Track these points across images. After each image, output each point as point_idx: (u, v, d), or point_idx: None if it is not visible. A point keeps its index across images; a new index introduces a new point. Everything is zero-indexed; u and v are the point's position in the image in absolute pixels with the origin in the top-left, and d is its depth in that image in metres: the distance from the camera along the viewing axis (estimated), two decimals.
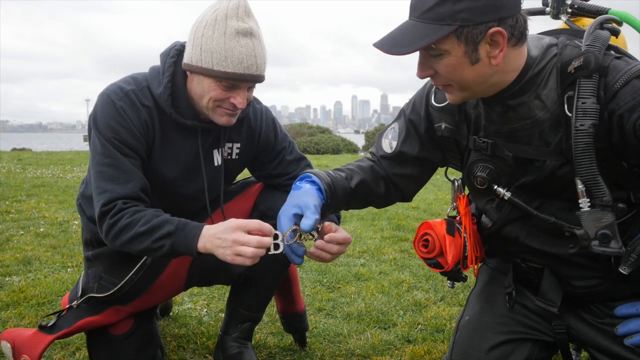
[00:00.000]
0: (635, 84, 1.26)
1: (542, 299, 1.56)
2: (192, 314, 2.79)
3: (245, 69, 1.69)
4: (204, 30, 1.69)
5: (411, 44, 1.29)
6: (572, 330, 1.58)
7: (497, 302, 1.70)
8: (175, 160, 1.85)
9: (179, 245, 1.63)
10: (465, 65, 1.32)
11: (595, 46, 1.30)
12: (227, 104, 1.75)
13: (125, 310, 1.97)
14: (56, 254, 3.92)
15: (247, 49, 1.69)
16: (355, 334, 2.51)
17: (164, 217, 1.68)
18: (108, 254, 1.94)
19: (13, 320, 2.63)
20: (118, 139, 1.73)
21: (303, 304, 2.37)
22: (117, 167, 1.72)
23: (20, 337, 1.89)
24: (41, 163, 11.62)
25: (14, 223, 5.02)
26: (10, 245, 4.17)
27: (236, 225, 1.57)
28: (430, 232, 1.52)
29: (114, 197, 1.69)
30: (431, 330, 2.55)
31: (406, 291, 3.12)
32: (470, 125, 1.54)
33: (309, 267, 3.58)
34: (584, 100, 1.27)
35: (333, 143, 22.79)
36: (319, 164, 12.22)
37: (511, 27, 1.29)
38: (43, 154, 15.48)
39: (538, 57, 1.38)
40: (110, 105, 1.74)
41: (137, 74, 1.86)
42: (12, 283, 3.21)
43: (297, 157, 2.12)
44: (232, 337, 2.16)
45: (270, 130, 2.06)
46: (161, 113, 1.81)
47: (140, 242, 1.65)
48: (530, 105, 1.39)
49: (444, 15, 1.26)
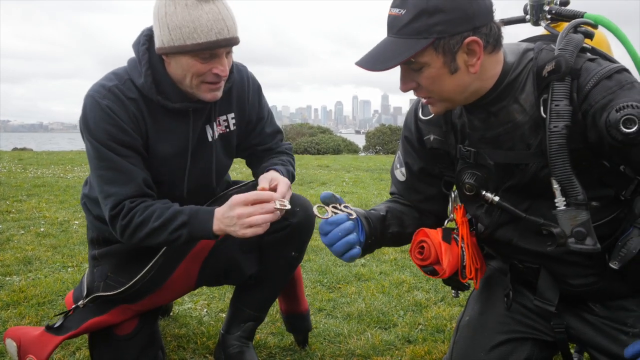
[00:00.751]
0: (605, 83, 1.31)
1: (540, 298, 1.58)
2: (193, 314, 2.79)
3: (217, 34, 1.66)
4: (166, 9, 1.67)
5: (391, 59, 1.33)
6: (572, 329, 1.59)
7: (497, 302, 1.70)
8: (172, 145, 1.85)
9: (196, 232, 1.69)
10: (445, 76, 1.36)
11: (567, 49, 1.35)
12: (210, 76, 1.73)
13: (132, 308, 1.96)
14: (56, 254, 3.92)
15: (214, 15, 1.65)
16: (356, 334, 2.51)
17: (174, 208, 1.72)
18: (115, 253, 1.93)
19: (13, 320, 2.63)
20: (111, 140, 1.72)
21: (307, 304, 2.37)
22: (115, 169, 1.73)
23: (26, 337, 1.89)
24: (42, 163, 11.62)
25: (14, 223, 5.02)
26: (10, 244, 4.17)
27: (235, 201, 1.63)
28: (426, 239, 1.53)
29: (120, 199, 1.72)
30: (432, 331, 2.55)
31: (407, 291, 3.12)
32: (457, 135, 1.57)
33: (309, 268, 3.58)
34: (557, 102, 1.32)
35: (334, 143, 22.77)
36: (320, 164, 12.21)
37: (486, 35, 1.34)
38: (44, 154, 15.49)
39: (515, 63, 1.42)
40: (96, 106, 1.73)
41: (117, 69, 1.84)
42: (13, 283, 3.21)
43: (275, 130, 2.14)
44: (235, 336, 2.15)
45: (255, 96, 2.06)
46: (148, 102, 1.79)
47: (157, 236, 1.71)
48: (510, 109, 1.43)
49: (420, 29, 1.31)
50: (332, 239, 1.45)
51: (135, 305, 1.96)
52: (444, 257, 1.50)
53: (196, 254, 2.00)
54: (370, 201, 6.51)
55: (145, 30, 1.81)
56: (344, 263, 3.69)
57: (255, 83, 2.06)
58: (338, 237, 1.44)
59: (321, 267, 3.59)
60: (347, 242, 1.44)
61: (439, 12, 1.29)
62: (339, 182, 8.69)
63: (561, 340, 1.61)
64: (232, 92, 1.96)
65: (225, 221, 1.66)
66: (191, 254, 1.98)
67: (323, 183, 8.50)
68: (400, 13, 1.33)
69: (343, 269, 3.54)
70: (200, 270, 2.03)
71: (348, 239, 1.44)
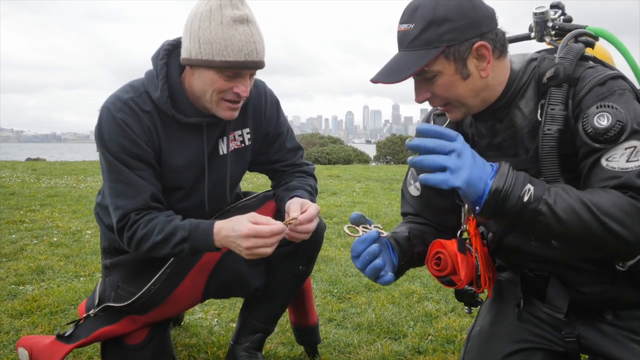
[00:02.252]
0: (597, 90, 1.36)
1: (549, 306, 1.58)
2: (203, 323, 2.80)
3: (246, 55, 1.69)
4: (200, 23, 1.69)
5: (405, 71, 1.37)
6: (583, 339, 1.58)
7: (508, 312, 1.70)
8: (185, 157, 1.87)
9: (198, 246, 1.74)
10: (459, 82, 1.40)
11: (567, 58, 1.40)
12: (230, 94, 1.75)
13: (141, 319, 1.98)
14: (69, 264, 3.95)
15: (246, 36, 1.69)
16: (366, 345, 2.51)
17: (175, 223, 1.75)
18: (126, 263, 1.96)
19: (26, 329, 2.65)
20: (123, 152, 1.75)
21: (316, 317, 2.37)
22: (125, 182, 1.76)
23: (37, 345, 1.91)
24: (55, 173, 11.73)
25: (28, 232, 5.07)
26: (24, 254, 4.21)
27: (247, 232, 1.64)
28: (442, 250, 1.54)
29: (127, 212, 1.76)
30: (442, 341, 2.54)
31: (417, 302, 3.11)
32: (469, 144, 1.57)
33: (319, 278, 3.58)
34: (552, 107, 1.37)
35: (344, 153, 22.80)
36: (330, 174, 12.22)
37: (493, 40, 1.39)
38: (57, 164, 15.63)
39: (520, 71, 1.47)
40: (111, 119, 1.76)
41: (134, 80, 1.87)
42: (26, 292, 3.25)
43: (296, 146, 2.15)
44: (243, 347, 2.16)
45: (274, 111, 2.07)
46: (163, 116, 1.82)
47: (161, 249, 1.75)
48: (512, 115, 1.48)
49: (430, 40, 1.35)
50: (363, 263, 1.45)
51: (143, 317, 1.98)
52: (461, 267, 1.51)
53: (202, 266, 2.01)
54: (380, 211, 6.50)
55: (166, 44, 1.84)
56: (354, 273, 3.69)
57: (274, 98, 2.07)
58: (367, 262, 1.45)
59: (331, 277, 3.59)
60: (374, 268, 1.44)
61: (447, 21, 1.34)
62: (350, 192, 8.70)
63: (572, 350, 1.60)
64: (248, 107, 1.98)
65: (229, 243, 1.70)
66: (197, 267, 1.99)
67: (334, 193, 8.51)
68: (409, 28, 1.38)
69: (353, 279, 3.54)
70: (206, 283, 2.04)
71: (374, 264, 1.44)
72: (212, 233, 1.71)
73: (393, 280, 1.49)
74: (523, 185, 1.28)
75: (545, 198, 1.27)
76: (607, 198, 1.26)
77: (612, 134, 1.28)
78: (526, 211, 1.28)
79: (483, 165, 1.32)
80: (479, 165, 1.30)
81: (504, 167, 1.31)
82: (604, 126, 1.28)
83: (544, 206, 1.27)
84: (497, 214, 1.31)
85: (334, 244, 4.63)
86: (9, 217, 5.83)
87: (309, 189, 2.03)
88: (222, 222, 1.72)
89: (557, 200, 1.27)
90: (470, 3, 1.36)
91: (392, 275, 1.48)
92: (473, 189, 1.28)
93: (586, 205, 1.26)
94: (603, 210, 1.25)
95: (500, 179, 1.28)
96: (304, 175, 2.12)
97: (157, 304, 1.94)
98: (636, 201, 1.26)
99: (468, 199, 1.32)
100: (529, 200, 1.27)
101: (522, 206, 1.27)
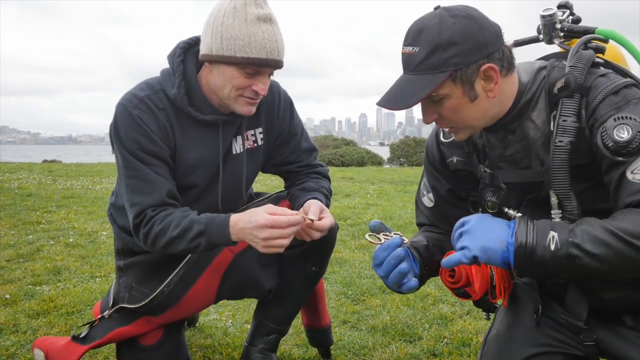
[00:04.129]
0: (611, 99, 1.33)
1: (568, 314, 1.56)
2: (218, 324, 2.80)
3: (268, 53, 1.71)
4: (223, 19, 1.71)
5: (413, 96, 1.35)
6: (602, 343, 1.56)
7: (525, 316, 1.68)
8: (200, 154, 1.88)
9: (214, 240, 1.73)
10: (466, 104, 1.39)
11: (577, 67, 1.37)
12: (248, 92, 1.77)
13: (155, 320, 1.99)
14: (85, 264, 3.99)
15: (269, 34, 1.71)
16: (381, 347, 2.50)
17: (191, 217, 1.75)
18: (139, 264, 1.96)
19: (43, 329, 2.68)
20: (139, 149, 1.76)
21: (328, 319, 2.36)
22: (141, 178, 1.77)
23: (53, 347, 1.92)
24: (71, 175, 11.85)
25: (44, 233, 5.13)
26: (40, 255, 4.25)
27: (264, 222, 1.65)
28: None
29: (143, 208, 1.76)
30: (457, 344, 2.52)
31: (432, 304, 3.10)
32: (480, 155, 1.58)
33: (333, 280, 3.58)
34: (564, 118, 1.34)
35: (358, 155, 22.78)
36: (343, 176, 12.21)
37: (500, 60, 1.37)
38: (73, 166, 15.78)
39: (529, 82, 1.45)
40: (127, 116, 1.77)
41: (150, 79, 1.88)
42: (43, 292, 3.28)
43: (310, 147, 2.16)
44: (258, 349, 2.16)
45: (287, 111, 2.07)
46: (178, 113, 1.83)
47: (177, 244, 1.74)
48: (524, 126, 1.46)
49: (436, 64, 1.33)
50: (387, 270, 1.44)
51: (157, 318, 1.98)
52: (476, 278, 1.50)
53: (216, 267, 2.01)
54: (394, 213, 6.48)
55: (182, 43, 1.85)
56: (369, 275, 3.68)
57: (287, 99, 2.08)
58: (392, 267, 1.44)
59: (345, 279, 3.58)
60: (399, 272, 1.43)
61: (453, 45, 1.32)
62: (363, 194, 8.68)
63: (591, 355, 1.58)
64: (261, 107, 1.98)
65: (245, 235, 1.69)
66: (210, 268, 1.99)
67: (347, 195, 8.49)
68: (414, 50, 1.36)
69: (367, 281, 3.53)
70: (220, 284, 2.04)
71: (400, 269, 1.43)
72: (228, 226, 1.71)
73: (417, 286, 1.48)
74: (545, 234, 1.27)
75: (572, 240, 1.25)
76: (630, 219, 1.24)
77: (634, 146, 1.25)
78: (557, 259, 1.25)
79: (500, 227, 1.33)
80: (495, 230, 1.32)
81: (522, 223, 1.30)
82: (625, 139, 1.25)
83: (573, 249, 1.24)
84: (532, 269, 1.30)
85: (348, 246, 4.62)
86: (26, 218, 5.89)
87: (325, 192, 2.03)
88: (239, 215, 1.73)
89: (584, 237, 1.24)
90: (476, 24, 1.34)
91: (417, 281, 1.47)
92: (492, 253, 1.30)
93: (613, 234, 1.23)
94: (631, 233, 1.22)
95: (521, 235, 1.28)
96: (319, 177, 2.12)
97: (171, 305, 1.95)
98: None
99: (493, 263, 1.33)
100: (557, 247, 1.25)
101: (552, 255, 1.25)
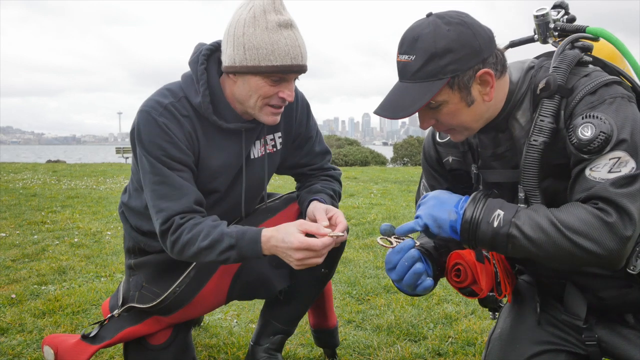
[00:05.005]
0: (587, 99, 1.35)
1: (568, 313, 1.57)
2: (223, 324, 2.81)
3: (292, 59, 1.70)
4: (244, 29, 1.69)
5: (412, 105, 1.36)
6: (604, 343, 1.56)
7: (528, 315, 1.69)
8: (222, 163, 1.87)
9: (245, 254, 1.71)
10: (463, 109, 1.40)
11: (560, 67, 1.39)
12: (275, 99, 1.76)
13: (165, 320, 1.99)
14: (90, 264, 4.00)
15: (291, 40, 1.70)
16: (385, 347, 2.50)
17: (221, 228, 1.73)
18: (150, 264, 1.96)
19: (49, 328, 2.69)
20: (166, 156, 1.75)
21: (335, 320, 2.36)
22: (169, 184, 1.75)
23: (63, 345, 1.92)
24: (75, 175, 11.88)
25: (49, 233, 5.15)
26: (46, 254, 4.27)
27: (298, 245, 1.63)
28: (461, 261, 1.54)
29: (170, 215, 1.74)
30: (462, 344, 2.52)
31: (436, 304, 3.09)
32: (475, 154, 1.59)
33: (338, 279, 3.58)
34: (542, 118, 1.37)
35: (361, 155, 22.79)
36: (347, 176, 12.22)
37: (494, 64, 1.39)
38: (77, 166, 15.83)
39: (519, 81, 1.47)
40: (153, 123, 1.75)
41: (171, 84, 1.87)
42: (48, 292, 3.29)
43: (324, 150, 2.16)
44: (263, 348, 2.16)
45: (304, 114, 2.07)
46: (202, 121, 1.82)
47: (205, 255, 1.73)
48: (510, 126, 1.48)
49: (433, 72, 1.34)
50: (401, 272, 1.45)
51: (167, 318, 1.98)
52: (481, 276, 1.51)
53: (227, 268, 2.01)
54: (398, 213, 6.48)
55: (203, 49, 1.83)
56: (373, 274, 3.68)
57: (304, 101, 2.07)
58: (406, 268, 1.44)
59: (350, 278, 3.58)
60: (415, 273, 1.44)
61: (449, 53, 1.33)
62: (367, 193, 8.69)
63: (594, 354, 1.58)
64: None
65: (279, 252, 1.69)
66: (222, 269, 1.99)
67: (351, 195, 8.50)
68: (410, 59, 1.36)
69: (372, 281, 3.53)
70: (230, 285, 2.04)
71: (415, 269, 1.44)
72: (260, 241, 1.69)
73: (433, 285, 1.48)
74: (493, 211, 1.33)
75: (515, 220, 1.30)
76: (573, 213, 1.27)
77: (595, 145, 1.27)
78: (498, 236, 1.32)
79: (452, 200, 1.40)
80: (447, 202, 1.40)
81: (474, 198, 1.37)
82: (587, 137, 1.27)
83: (513, 229, 1.30)
84: (475, 242, 1.36)
85: (353, 246, 4.62)
86: (30, 218, 5.92)
87: (331, 193, 2.02)
88: (271, 231, 1.70)
89: (526, 221, 1.30)
90: (470, 31, 1.35)
91: (432, 280, 1.47)
92: (442, 222, 1.38)
93: (553, 223, 1.27)
94: (569, 227, 1.26)
95: (469, 209, 1.35)
96: (329, 179, 2.11)
97: (182, 306, 1.94)
98: (603, 213, 1.24)
99: (444, 233, 1.39)
100: (499, 224, 1.32)
101: (494, 231, 1.32)
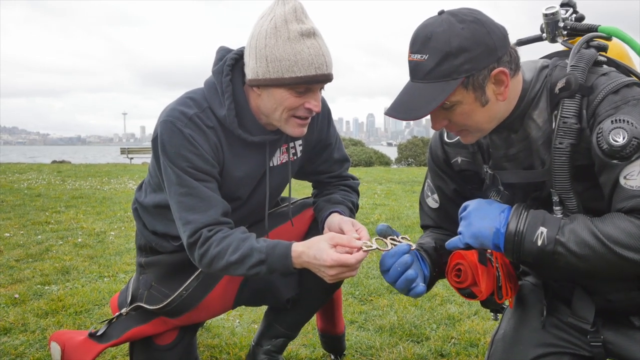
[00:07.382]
0: (610, 98, 1.32)
1: (575, 316, 1.56)
2: (225, 324, 2.81)
3: (316, 69, 1.64)
4: (266, 41, 1.63)
5: (426, 106, 1.33)
6: (610, 344, 1.55)
7: (532, 316, 1.68)
8: (246, 172, 1.84)
9: (275, 268, 1.67)
10: (478, 109, 1.38)
11: (579, 66, 1.36)
12: (301, 110, 1.71)
13: (172, 322, 1.98)
14: (93, 264, 4.01)
15: (315, 49, 1.64)
16: (388, 347, 2.49)
17: (250, 242, 1.68)
18: (161, 264, 1.95)
19: (52, 328, 2.69)
20: (192, 167, 1.71)
21: (343, 326, 2.36)
22: (196, 195, 1.71)
23: (70, 342, 1.92)
24: (80, 175, 11.91)
25: (53, 233, 5.16)
26: (49, 254, 4.28)
27: (331, 263, 1.57)
28: (463, 262, 1.53)
29: (198, 227, 1.70)
30: (465, 345, 2.51)
31: (439, 305, 3.09)
32: (485, 154, 1.57)
33: None
34: (565, 120, 1.34)
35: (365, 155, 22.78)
36: None
37: (508, 62, 1.36)
38: (81, 166, 15.87)
39: (532, 80, 1.44)
40: (178, 134, 1.70)
41: (193, 92, 1.81)
42: (52, 292, 3.30)
43: (343, 158, 2.11)
44: (264, 350, 2.16)
45: (325, 121, 2.02)
46: (226, 132, 1.78)
47: (235, 269, 1.69)
48: (526, 126, 1.45)
49: (447, 72, 1.31)
50: (394, 277, 1.46)
51: (174, 320, 1.97)
52: (482, 278, 1.49)
53: None
54: (402, 213, 6.47)
55: (228, 60, 1.77)
56: (376, 275, 3.67)
57: (326, 108, 2.02)
58: (399, 274, 1.45)
59: (353, 279, 3.57)
60: (407, 279, 1.45)
61: (464, 52, 1.30)
62: (371, 194, 8.68)
63: (599, 355, 1.57)
64: None
65: (311, 267, 1.64)
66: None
67: None
68: (423, 58, 1.33)
69: (375, 282, 3.52)
70: (238, 291, 2.02)
71: (407, 275, 1.45)
72: (290, 257, 1.65)
73: (425, 291, 1.49)
74: (535, 229, 1.32)
75: (559, 238, 1.29)
76: (618, 226, 1.25)
77: (628, 151, 1.24)
78: (543, 254, 1.31)
79: (493, 214, 1.38)
80: (488, 217, 1.39)
81: (515, 213, 1.36)
82: (620, 144, 1.24)
83: (559, 247, 1.29)
84: (521, 258, 1.35)
85: None
86: (35, 218, 5.93)
87: (350, 206, 1.99)
88: (301, 247, 1.65)
89: (571, 237, 1.29)
90: (484, 28, 1.32)
91: (424, 286, 1.48)
92: (485, 239, 1.38)
93: (597, 238, 1.26)
94: (615, 241, 1.24)
95: (511, 226, 1.34)
96: (348, 190, 2.08)
97: (189, 309, 1.93)
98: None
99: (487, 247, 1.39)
100: (544, 243, 1.30)
101: (539, 250, 1.31)
